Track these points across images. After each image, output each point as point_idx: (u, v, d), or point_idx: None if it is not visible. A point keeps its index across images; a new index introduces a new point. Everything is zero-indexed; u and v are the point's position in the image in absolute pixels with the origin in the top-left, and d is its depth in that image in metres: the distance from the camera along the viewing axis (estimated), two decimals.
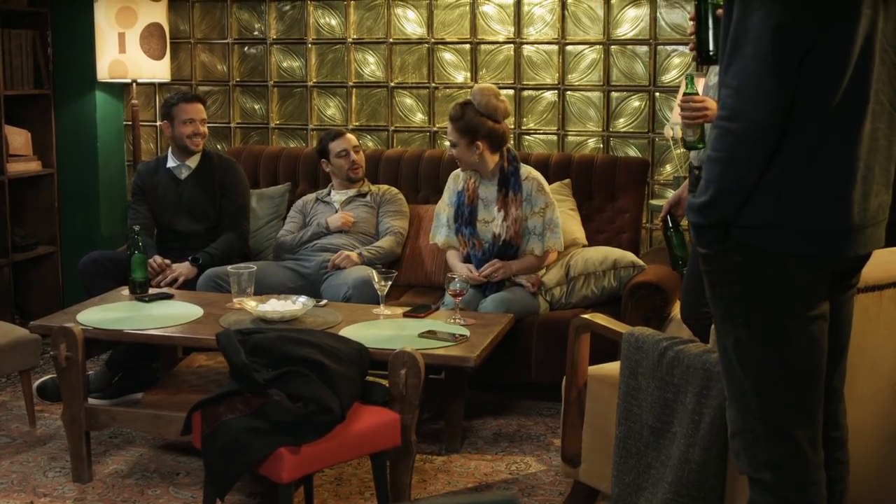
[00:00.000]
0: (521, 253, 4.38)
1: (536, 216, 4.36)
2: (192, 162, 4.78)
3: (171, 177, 4.78)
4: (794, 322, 2.16)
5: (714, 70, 3.56)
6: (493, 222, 4.36)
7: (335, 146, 4.87)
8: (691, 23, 2.67)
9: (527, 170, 4.45)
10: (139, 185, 4.80)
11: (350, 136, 4.92)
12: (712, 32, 2.62)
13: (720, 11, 2.23)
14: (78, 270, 4.52)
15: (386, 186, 4.99)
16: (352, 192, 4.90)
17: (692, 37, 2.69)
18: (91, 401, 3.88)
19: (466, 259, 4.41)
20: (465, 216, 4.41)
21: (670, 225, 3.58)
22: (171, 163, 4.79)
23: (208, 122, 4.88)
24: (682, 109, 3.36)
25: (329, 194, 4.95)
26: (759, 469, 2.23)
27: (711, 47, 2.62)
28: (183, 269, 4.53)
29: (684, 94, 3.37)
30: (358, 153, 4.89)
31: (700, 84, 4.08)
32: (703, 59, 2.69)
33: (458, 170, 4.55)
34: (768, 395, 2.20)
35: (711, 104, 3.34)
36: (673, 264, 3.61)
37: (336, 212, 4.83)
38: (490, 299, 4.18)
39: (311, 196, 5.01)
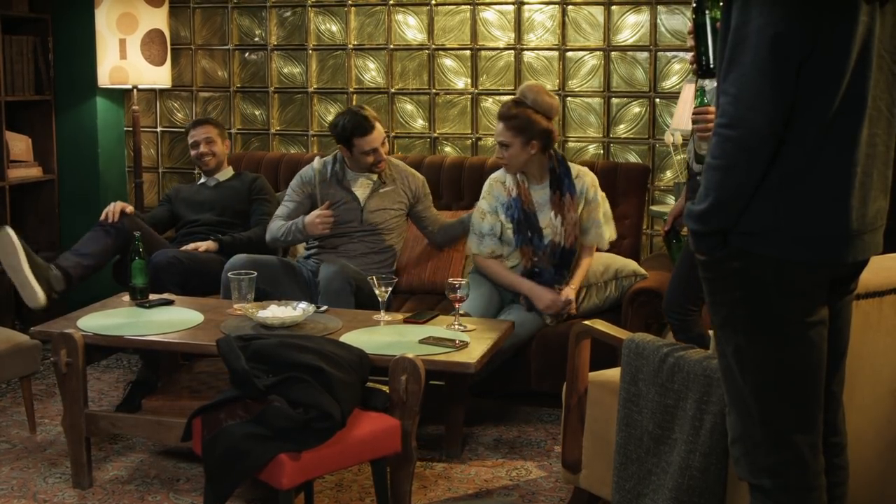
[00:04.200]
0: (578, 257, 4.25)
1: (595, 210, 4.25)
2: (222, 176, 5.05)
3: (202, 185, 5.07)
4: (793, 328, 2.16)
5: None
6: (547, 228, 4.18)
7: (364, 144, 4.39)
8: (690, 35, 2.67)
9: (576, 168, 4.29)
10: (168, 194, 5.14)
11: (379, 126, 4.46)
12: (711, 45, 2.62)
13: (719, 24, 2.23)
14: (153, 267, 4.38)
15: (404, 167, 4.64)
16: (373, 177, 4.51)
17: (691, 50, 2.69)
18: (91, 407, 3.88)
19: (530, 274, 4.18)
20: (533, 223, 4.17)
21: (673, 238, 3.61)
22: (203, 178, 5.10)
23: None
24: (695, 122, 3.30)
25: (345, 176, 4.50)
26: (759, 475, 2.23)
27: (711, 61, 2.63)
28: (206, 243, 4.71)
29: (697, 107, 3.32)
30: (384, 145, 4.47)
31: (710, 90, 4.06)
32: (703, 73, 2.69)
33: (499, 172, 4.31)
34: (768, 401, 2.20)
35: None
36: None
37: (360, 208, 4.47)
38: (513, 313, 4.14)
39: (314, 170, 4.47)
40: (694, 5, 2.65)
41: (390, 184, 4.55)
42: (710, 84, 3.52)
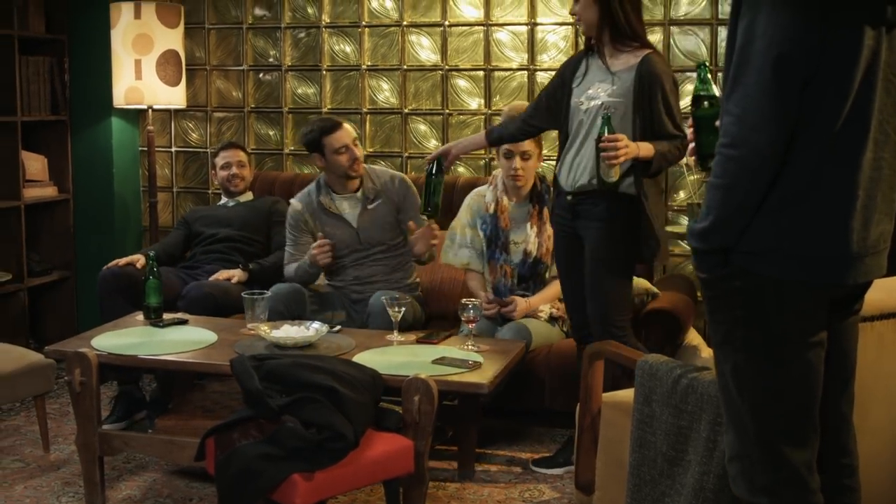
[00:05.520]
0: (549, 274, 4.32)
1: None
2: (243, 198, 5.09)
3: (221, 206, 5.10)
4: (792, 348, 2.16)
5: (602, 87, 3.60)
6: (522, 242, 4.30)
7: (333, 141, 4.38)
8: (690, 129, 2.67)
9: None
10: (184, 217, 5.13)
11: (348, 125, 4.49)
12: (712, 138, 2.61)
13: (718, 123, 2.23)
14: (187, 301, 4.45)
15: (384, 173, 4.55)
16: (358, 196, 4.48)
17: (692, 143, 2.69)
18: (105, 426, 3.88)
19: (496, 289, 4.32)
20: (502, 241, 4.32)
21: (433, 171, 3.82)
22: (223, 200, 5.12)
23: None
24: (604, 150, 3.43)
25: (332, 201, 4.48)
26: (756, 494, 2.23)
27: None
28: (236, 272, 4.71)
29: (607, 134, 3.43)
30: (357, 145, 4.44)
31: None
32: (704, 165, 2.67)
33: (483, 188, 4.47)
34: (765, 420, 2.20)
35: (627, 142, 3.46)
36: (423, 207, 3.88)
37: (355, 230, 4.45)
38: (507, 328, 4.15)
39: (304, 205, 4.53)
40: (692, 99, 2.65)
41: (376, 198, 4.47)
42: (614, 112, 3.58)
